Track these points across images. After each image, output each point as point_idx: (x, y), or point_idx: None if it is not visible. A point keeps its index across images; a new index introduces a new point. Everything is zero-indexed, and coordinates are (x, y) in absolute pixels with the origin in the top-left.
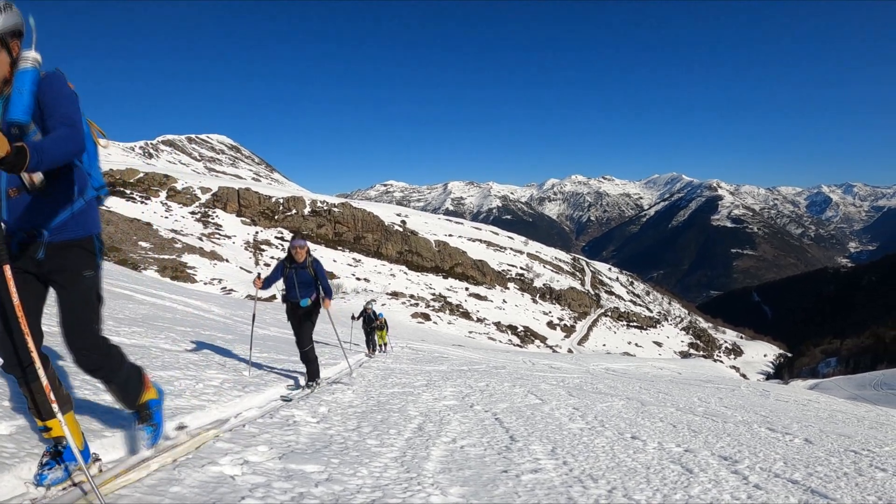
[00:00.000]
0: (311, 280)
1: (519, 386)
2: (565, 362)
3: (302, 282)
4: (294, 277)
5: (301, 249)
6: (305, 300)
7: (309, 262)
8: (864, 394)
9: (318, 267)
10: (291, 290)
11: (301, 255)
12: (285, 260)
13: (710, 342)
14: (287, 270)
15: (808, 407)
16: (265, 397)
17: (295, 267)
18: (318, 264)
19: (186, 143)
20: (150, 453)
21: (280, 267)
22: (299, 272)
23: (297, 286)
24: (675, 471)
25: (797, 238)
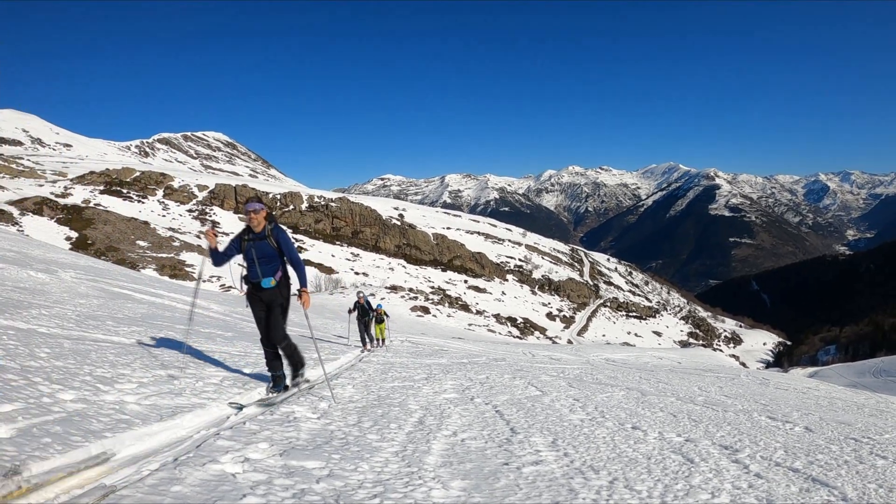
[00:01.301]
0: (274, 253)
1: (519, 378)
2: (565, 353)
3: (262, 256)
4: (253, 252)
5: (256, 214)
6: (268, 279)
7: (269, 230)
8: (863, 381)
9: (282, 237)
10: (251, 267)
11: (258, 222)
12: (242, 231)
13: (709, 331)
14: (244, 243)
15: (808, 395)
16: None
17: (253, 238)
18: (281, 233)
19: (182, 141)
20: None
21: (236, 240)
22: (258, 244)
23: (258, 262)
24: (676, 461)
25: (795, 226)
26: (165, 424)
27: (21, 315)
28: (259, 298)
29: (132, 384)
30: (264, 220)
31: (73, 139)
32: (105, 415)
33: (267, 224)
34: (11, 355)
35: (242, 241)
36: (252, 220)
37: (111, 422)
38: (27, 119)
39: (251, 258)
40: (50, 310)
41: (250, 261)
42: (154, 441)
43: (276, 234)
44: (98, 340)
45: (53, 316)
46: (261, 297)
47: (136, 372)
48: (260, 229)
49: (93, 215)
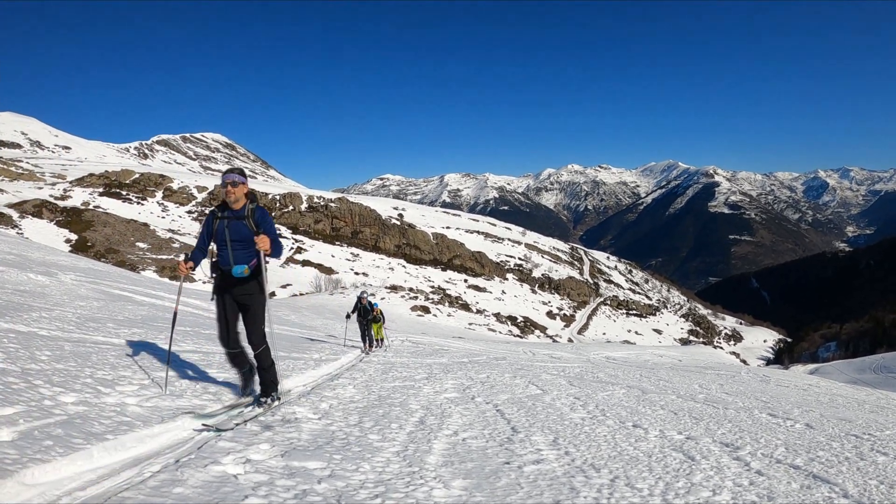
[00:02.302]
0: (251, 236)
1: (520, 377)
2: (565, 352)
3: (238, 238)
4: (225, 232)
5: (236, 188)
6: (240, 267)
7: (250, 209)
8: (864, 377)
9: (264, 218)
10: (221, 251)
11: (236, 197)
12: (215, 207)
13: (709, 329)
14: (216, 221)
15: (809, 392)
16: None
17: (228, 216)
18: (263, 215)
19: (181, 143)
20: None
21: (208, 222)
22: (234, 224)
23: (230, 245)
24: (677, 458)
25: (795, 223)
26: (166, 426)
27: (22, 318)
28: (227, 290)
29: (133, 386)
30: (244, 197)
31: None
32: (106, 417)
33: (248, 203)
34: (12, 358)
35: (215, 218)
36: (230, 194)
37: (112, 424)
38: (26, 122)
39: (223, 240)
40: (50, 312)
41: (221, 243)
42: (155, 443)
43: (257, 215)
44: (99, 343)
45: (54, 318)
46: (230, 289)
47: (137, 374)
48: (239, 206)
49: (92, 217)
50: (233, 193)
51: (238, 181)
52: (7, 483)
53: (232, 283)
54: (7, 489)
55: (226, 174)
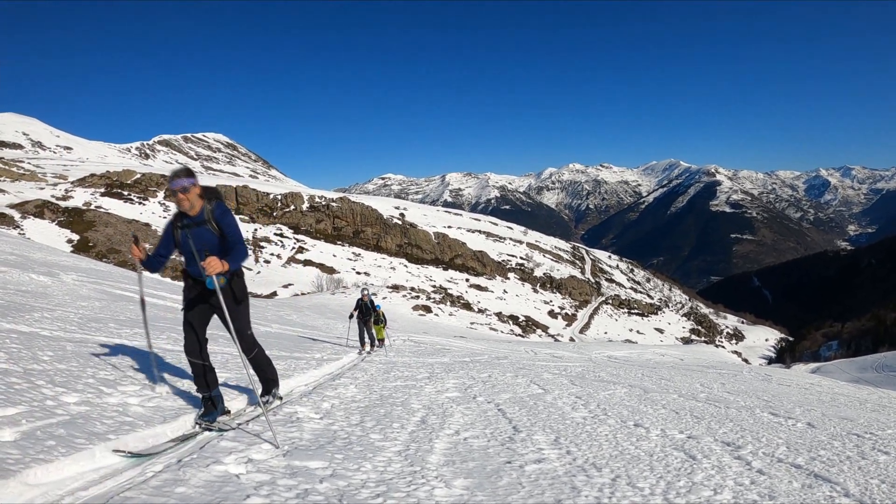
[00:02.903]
0: (216, 240)
1: (521, 376)
2: (567, 351)
3: (203, 247)
4: (189, 242)
5: (185, 194)
6: (212, 279)
7: (209, 211)
8: (865, 376)
9: (226, 218)
10: (190, 263)
11: (190, 203)
12: (173, 217)
13: (711, 328)
14: (177, 232)
15: (811, 391)
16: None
17: (187, 224)
18: (224, 214)
19: (183, 143)
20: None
21: (167, 229)
22: (196, 232)
23: (198, 256)
24: (679, 458)
25: (796, 222)
26: (169, 426)
27: (24, 318)
28: (201, 296)
29: (135, 386)
30: (200, 199)
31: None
32: (108, 417)
33: (205, 204)
34: (14, 359)
35: (174, 228)
36: (183, 203)
37: (115, 424)
38: (28, 122)
39: (189, 251)
40: (52, 313)
41: (188, 254)
42: (157, 442)
43: (218, 217)
44: (101, 343)
45: (56, 319)
46: (206, 300)
47: (139, 374)
48: (196, 212)
49: (94, 217)
50: (185, 201)
51: (188, 186)
52: (10, 483)
53: (207, 293)
54: (10, 489)
55: (172, 181)
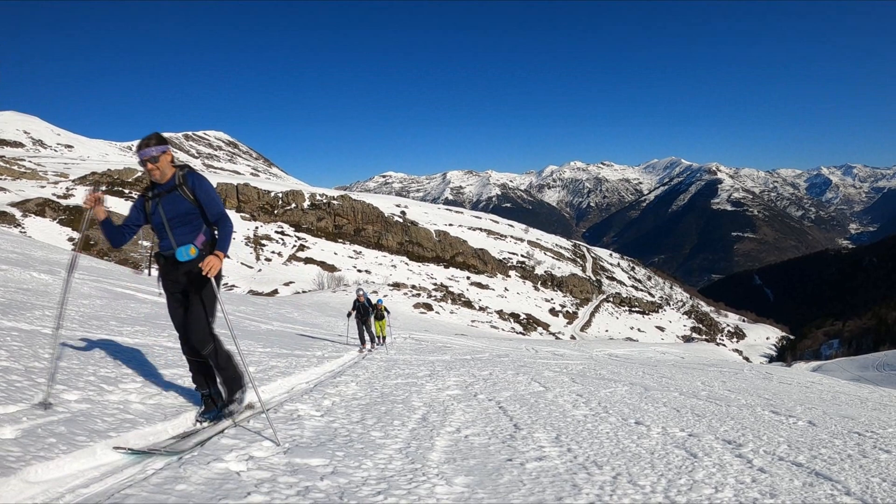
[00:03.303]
0: (192, 209)
1: (522, 374)
2: (568, 349)
3: (175, 214)
4: (160, 212)
5: (155, 164)
6: (185, 248)
7: (180, 177)
8: (866, 375)
9: (201, 185)
10: (161, 234)
11: (162, 172)
12: (144, 189)
13: (712, 326)
14: (148, 203)
15: (811, 389)
16: (272, 389)
17: (159, 193)
18: (199, 181)
19: (184, 141)
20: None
21: (138, 202)
22: (167, 199)
23: (168, 225)
24: (680, 455)
25: (797, 220)
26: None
27: (24, 316)
28: (175, 279)
29: (136, 384)
30: (172, 167)
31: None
32: (109, 414)
33: (177, 171)
34: (15, 356)
35: (146, 200)
36: (154, 173)
37: (115, 421)
38: (28, 121)
39: (160, 223)
40: (53, 311)
41: (159, 226)
42: (158, 440)
43: (191, 183)
44: (101, 341)
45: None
46: (177, 278)
47: (140, 371)
48: (166, 178)
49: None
50: (157, 171)
51: (156, 154)
52: (10, 480)
53: (178, 268)
54: (10, 486)
55: (140, 150)
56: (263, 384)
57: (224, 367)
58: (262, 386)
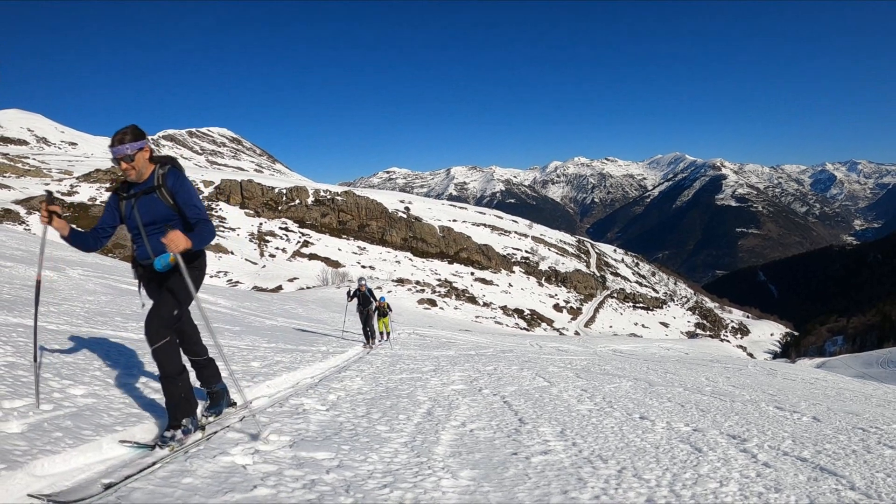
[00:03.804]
0: (170, 213)
1: (527, 369)
2: (572, 344)
3: (152, 220)
4: (135, 215)
5: (131, 163)
6: (164, 258)
7: (160, 176)
8: (871, 371)
9: (181, 184)
10: (137, 241)
11: (139, 172)
12: (118, 186)
13: (716, 322)
14: (122, 203)
15: (816, 385)
16: (277, 383)
17: (134, 194)
18: (179, 181)
19: (187, 138)
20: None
21: (111, 201)
22: (142, 201)
23: (145, 231)
24: (685, 450)
25: (802, 216)
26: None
27: (29, 312)
28: (156, 285)
29: (142, 379)
30: (150, 164)
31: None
32: (115, 409)
33: (157, 168)
34: (22, 352)
35: (120, 199)
36: (130, 173)
37: (121, 416)
38: (32, 118)
39: (135, 226)
40: (59, 307)
41: (134, 230)
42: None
43: (170, 183)
44: (107, 336)
45: (62, 313)
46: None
47: (145, 367)
48: (143, 177)
49: (99, 213)
50: (132, 171)
51: (132, 153)
52: (17, 474)
53: (158, 277)
54: (17, 480)
55: (113, 147)
56: (269, 379)
57: (171, 376)
58: (268, 381)
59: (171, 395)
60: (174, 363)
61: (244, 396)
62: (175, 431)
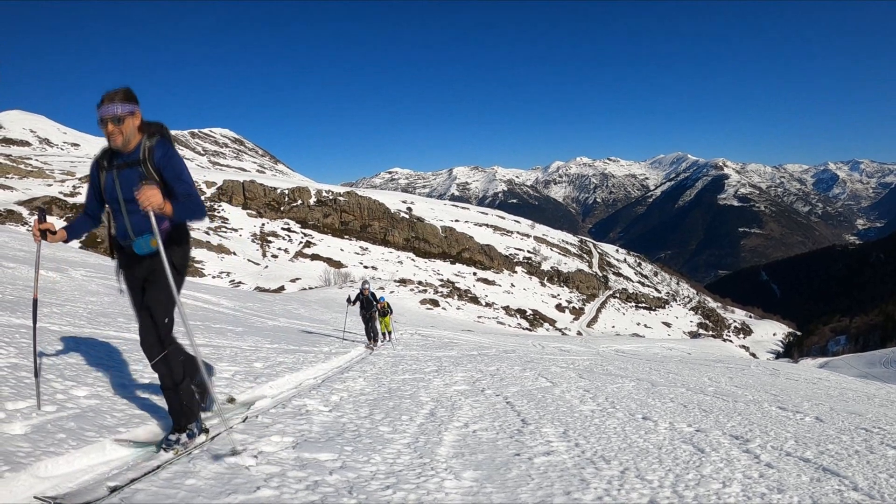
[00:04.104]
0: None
1: (529, 369)
2: (575, 345)
3: (133, 196)
4: (116, 188)
5: (118, 125)
6: (145, 239)
7: (146, 148)
8: (873, 371)
9: (167, 158)
10: (116, 218)
11: (125, 138)
12: (100, 155)
13: (719, 322)
14: (103, 174)
15: (818, 385)
16: (280, 384)
17: (118, 165)
18: (168, 155)
19: (189, 138)
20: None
21: (92, 173)
22: (124, 174)
23: (125, 207)
24: (687, 451)
25: (804, 216)
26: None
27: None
28: (133, 274)
29: (144, 380)
30: (138, 133)
31: (81, 138)
32: (119, 410)
33: (144, 139)
34: (25, 353)
35: (100, 170)
36: (114, 138)
37: (125, 417)
38: (34, 119)
39: (114, 199)
40: (61, 308)
41: (114, 204)
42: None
43: (158, 156)
44: (110, 337)
45: (65, 314)
46: (135, 273)
47: (148, 368)
48: (131, 147)
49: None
50: (119, 135)
51: (122, 114)
52: (20, 476)
53: (137, 262)
54: (20, 482)
55: (102, 107)
56: (272, 380)
57: (174, 387)
58: (270, 382)
59: (175, 403)
60: (176, 373)
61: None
62: (180, 435)
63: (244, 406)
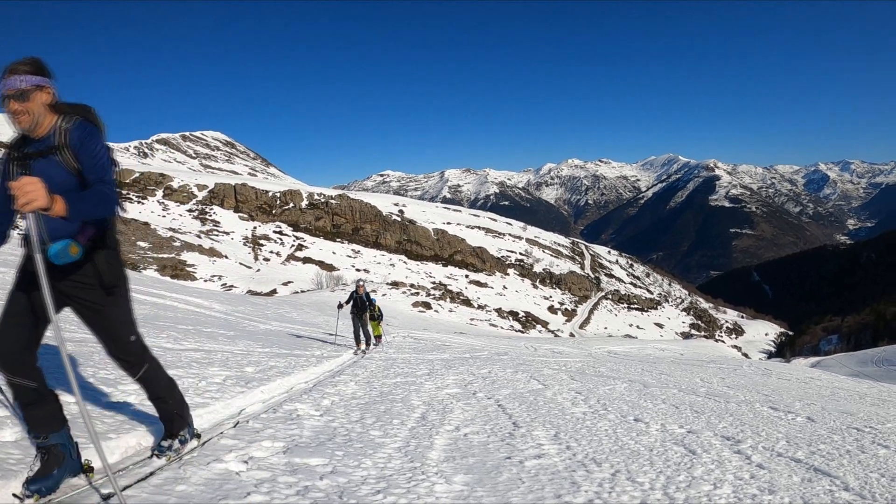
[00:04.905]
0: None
1: (521, 372)
2: (567, 346)
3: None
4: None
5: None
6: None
7: (62, 131)
8: (865, 370)
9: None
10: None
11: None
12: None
13: (711, 322)
14: (13, 166)
15: (810, 385)
16: (271, 388)
17: (28, 155)
18: (87, 138)
19: (181, 141)
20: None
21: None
22: (38, 164)
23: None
24: (679, 452)
25: (796, 216)
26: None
27: None
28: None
29: (135, 385)
30: (49, 112)
31: None
32: (109, 416)
33: (59, 121)
34: None
35: (10, 161)
36: (20, 119)
37: (115, 423)
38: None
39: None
40: None
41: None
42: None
43: (75, 141)
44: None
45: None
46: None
47: None
48: (43, 131)
49: None
50: (25, 115)
51: (26, 87)
52: (12, 483)
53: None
54: (12, 489)
55: (2, 80)
56: (263, 384)
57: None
58: (262, 386)
59: (165, 411)
60: (160, 384)
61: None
62: (172, 441)
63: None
